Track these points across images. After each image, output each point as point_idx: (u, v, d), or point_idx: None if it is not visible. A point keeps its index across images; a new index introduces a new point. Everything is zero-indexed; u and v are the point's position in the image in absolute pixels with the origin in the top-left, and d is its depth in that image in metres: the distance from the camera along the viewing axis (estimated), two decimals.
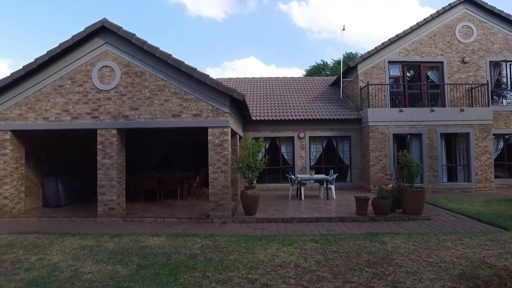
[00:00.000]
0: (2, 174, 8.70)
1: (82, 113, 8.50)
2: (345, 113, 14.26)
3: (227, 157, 8.10)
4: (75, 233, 6.99)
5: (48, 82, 8.62)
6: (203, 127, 8.24)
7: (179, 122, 8.24)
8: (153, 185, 10.90)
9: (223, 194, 8.08)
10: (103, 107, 8.45)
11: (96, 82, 8.48)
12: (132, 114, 8.36)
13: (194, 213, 8.78)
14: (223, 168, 8.08)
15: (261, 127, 13.89)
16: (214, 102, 8.20)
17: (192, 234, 6.90)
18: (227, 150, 8.11)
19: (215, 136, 8.14)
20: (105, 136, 8.39)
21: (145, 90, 8.37)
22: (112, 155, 8.35)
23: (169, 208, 9.60)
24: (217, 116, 8.19)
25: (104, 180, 8.35)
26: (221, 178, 8.08)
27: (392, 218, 8.20)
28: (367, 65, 14.06)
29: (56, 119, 8.55)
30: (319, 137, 14.21)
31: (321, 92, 16.97)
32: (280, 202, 10.67)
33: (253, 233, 7.04)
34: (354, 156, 14.10)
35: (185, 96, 8.27)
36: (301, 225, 7.81)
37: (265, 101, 15.71)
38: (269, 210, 9.22)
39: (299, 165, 14.01)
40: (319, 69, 32.50)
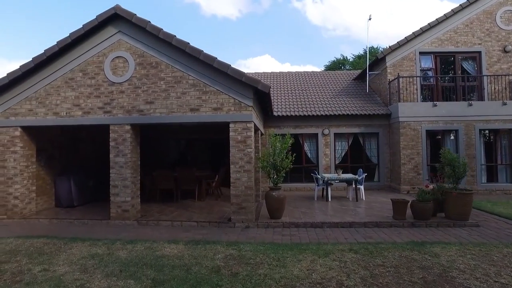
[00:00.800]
0: (12, 172, 8.21)
1: (94, 107, 7.90)
2: (372, 108, 13.30)
3: (250, 155, 7.35)
4: (86, 238, 6.38)
5: (59, 74, 8.06)
6: (224, 122, 7.52)
7: (197, 116, 7.54)
8: (170, 184, 10.27)
9: (246, 196, 7.34)
10: (116, 101, 7.83)
11: (108, 74, 7.86)
12: (146, 108, 7.71)
13: (214, 216, 8.07)
14: (246, 167, 7.33)
15: (283, 123, 13.09)
16: (236, 95, 7.45)
17: (213, 241, 6.18)
18: (250, 147, 7.36)
19: (237, 132, 7.39)
20: (118, 132, 7.77)
21: (160, 82, 7.70)
22: (125, 153, 7.72)
23: (187, 210, 8.94)
24: (239, 110, 7.44)
25: (117, 180, 7.74)
26: (244, 178, 7.34)
27: (435, 224, 7.28)
28: (396, 56, 13.04)
29: (67, 114, 7.99)
30: (344, 134, 13.31)
31: (345, 86, 16.02)
32: (306, 203, 9.86)
33: (281, 241, 6.28)
34: (383, 154, 13.13)
35: (205, 88, 7.56)
36: (333, 231, 6.99)
37: (286, 96, 14.90)
38: (295, 213, 8.44)
39: (323, 163, 13.14)
40: (338, 65, 31.38)
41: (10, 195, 8.21)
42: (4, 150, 8.27)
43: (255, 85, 7.22)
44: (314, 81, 16.99)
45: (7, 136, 8.26)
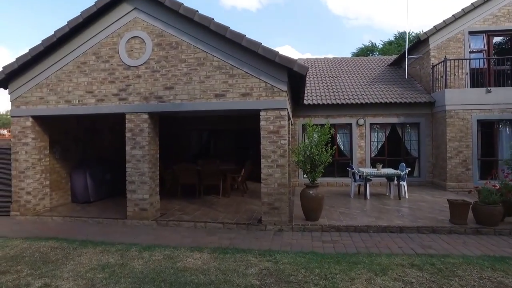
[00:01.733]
0: (24, 166, 7.58)
1: (108, 94, 7.11)
2: (412, 96, 11.96)
3: (284, 148, 6.36)
4: (98, 242, 5.61)
5: (70, 58, 7.30)
6: (253, 110, 6.55)
7: (223, 103, 6.60)
8: (192, 179, 9.44)
9: (279, 195, 6.37)
10: (132, 86, 7.00)
11: (123, 57, 7.02)
12: (166, 94, 6.83)
13: (241, 216, 7.17)
14: (280, 161, 6.35)
15: (313, 112, 11.97)
16: (268, 78, 6.45)
17: (243, 248, 5.27)
18: (284, 138, 6.36)
19: (269, 121, 6.41)
20: (135, 122, 6.95)
21: (181, 65, 6.79)
22: (143, 145, 6.90)
23: (211, 208, 8.08)
24: (271, 96, 6.44)
25: (134, 175, 6.95)
26: (277, 174, 6.37)
27: (507, 232, 6.08)
28: (441, 37, 11.61)
29: (80, 102, 7.24)
30: (381, 124, 12.06)
31: (380, 72, 14.67)
32: (342, 201, 8.81)
33: (323, 249, 5.29)
34: (424, 146, 11.81)
35: (231, 71, 6.59)
36: (382, 237, 5.94)
37: (315, 84, 13.74)
38: (332, 213, 7.41)
39: (357, 156, 11.99)
40: (367, 52, 29.65)
41: (23, 190, 7.60)
42: (15, 142, 7.65)
43: (290, 66, 6.18)
44: (345, 68, 15.71)
45: (18, 127, 7.63)
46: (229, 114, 9.22)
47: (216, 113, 7.68)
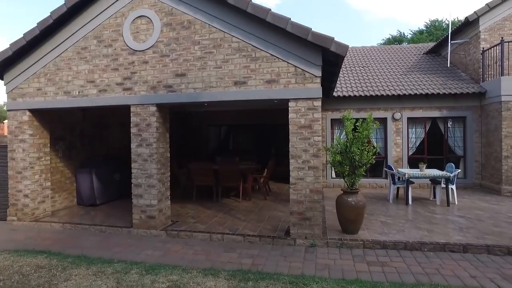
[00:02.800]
0: (21, 166, 6.76)
1: (111, 83, 6.15)
2: (457, 86, 10.49)
3: (318, 146, 5.21)
4: (94, 259, 4.67)
5: (70, 44, 6.39)
6: (280, 99, 5.42)
7: (244, 92, 5.51)
8: (208, 180, 8.43)
9: (311, 203, 5.24)
10: (137, 74, 6.01)
11: (128, 40, 6.04)
12: (176, 83, 5.81)
13: (265, 226, 6.08)
14: (313, 162, 5.21)
15: (343, 105, 10.72)
16: (298, 61, 5.30)
17: (269, 272, 4.19)
18: (318, 134, 5.21)
19: (299, 113, 5.27)
20: (141, 115, 5.97)
21: (195, 48, 5.74)
22: (150, 142, 5.91)
23: (229, 214, 7.04)
24: (302, 83, 5.29)
25: (140, 177, 5.98)
26: (309, 177, 5.23)
27: None
28: (495, 16, 10.08)
29: (80, 93, 6.32)
30: (420, 119, 10.67)
31: (416, 61, 13.20)
32: (380, 207, 7.57)
33: (371, 276, 4.14)
34: (471, 143, 10.35)
35: (254, 54, 5.48)
36: (443, 258, 4.71)
37: (344, 74, 12.45)
38: (373, 223, 6.22)
39: (393, 155, 10.66)
40: (394, 43, 27.79)
41: (20, 192, 6.79)
42: (12, 139, 6.85)
43: (326, 46, 5.00)
44: (376, 57, 14.31)
45: (15, 122, 6.82)
46: (251, 105, 8.20)
47: (236, 105, 6.58)
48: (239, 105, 7.84)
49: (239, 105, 7.81)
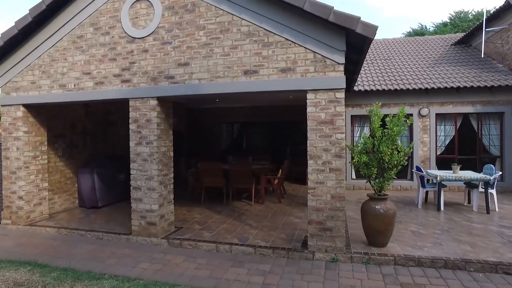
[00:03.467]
0: (15, 165, 6.27)
1: (108, 75, 5.56)
2: (493, 78, 9.49)
3: (341, 145, 4.46)
4: (83, 273, 4.08)
5: (65, 32, 5.83)
6: (296, 91, 4.69)
7: (255, 83, 4.80)
8: (218, 181, 7.77)
9: (333, 211, 4.50)
10: (136, 64, 5.39)
11: (127, 27, 5.43)
12: (179, 73, 5.16)
13: (279, 235, 5.38)
14: (335, 163, 4.46)
15: (364, 100, 9.89)
16: (318, 46, 4.56)
17: None
18: (341, 131, 4.46)
19: (319, 106, 4.53)
20: (140, 110, 5.36)
21: (199, 33, 5.07)
22: (150, 140, 5.29)
23: (240, 220, 6.36)
24: (323, 71, 4.55)
25: (139, 178, 5.37)
26: (330, 181, 4.48)
27: None
28: None
29: (75, 87, 5.76)
30: (450, 115, 9.72)
31: (443, 53, 12.19)
32: (408, 214, 6.74)
33: None
34: (510, 142, 9.35)
35: (266, 39, 4.77)
36: (496, 282, 3.89)
37: (365, 67, 11.58)
38: (402, 233, 5.42)
39: (419, 154, 9.76)
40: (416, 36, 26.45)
41: (14, 194, 6.31)
42: (6, 136, 6.36)
43: (351, 27, 4.24)
44: (399, 49, 13.36)
45: (9, 118, 6.33)
46: (263, 100, 7.50)
47: (245, 98, 5.86)
48: (250, 99, 7.18)
49: (249, 99, 7.15)
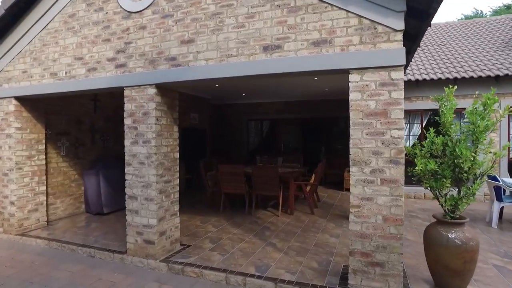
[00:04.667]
0: (8, 166, 5.52)
1: (101, 59, 4.59)
2: None
3: (399, 146, 3.12)
4: None
5: (56, 11, 4.95)
6: (335, 71, 3.41)
7: (278, 63, 3.57)
8: (239, 187, 6.64)
9: (386, 239, 3.18)
10: (133, 45, 4.37)
11: (122, 0, 4.43)
12: (182, 53, 4.06)
13: (309, 262, 4.12)
14: (389, 172, 3.14)
15: (415, 93, 8.32)
16: (365, 8, 3.24)
17: None
18: (399, 126, 3.12)
19: (367, 92, 3.22)
20: (137, 101, 4.33)
21: (206, 1, 3.93)
22: (148, 138, 4.25)
23: (261, 237, 5.18)
24: (372, 42, 3.22)
25: (135, 186, 4.35)
26: (382, 197, 3.17)
27: None
28: None
29: (67, 75, 4.86)
30: None
31: None
32: (482, 237, 5.19)
33: None
34: None
35: (293, 2, 3.53)
36: None
37: (416, 54, 9.92)
38: (483, 269, 3.95)
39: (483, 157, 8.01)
40: None
41: (6, 198, 5.56)
42: None
43: None
44: (455, 33, 11.50)
45: (1, 113, 5.59)
46: (290, 86, 6.29)
47: (263, 81, 4.58)
48: (275, 91, 5.97)
49: (274, 91, 5.94)
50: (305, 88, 9.10)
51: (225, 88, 8.85)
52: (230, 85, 8.05)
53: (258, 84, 8.16)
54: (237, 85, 7.98)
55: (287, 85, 8.50)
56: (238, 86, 8.19)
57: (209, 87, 8.36)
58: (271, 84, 8.13)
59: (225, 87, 8.63)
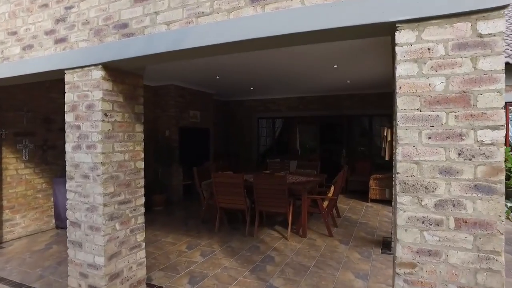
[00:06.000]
0: None
1: (38, 33, 3.34)
2: None
3: (493, 159, 1.69)
4: None
5: None
6: (372, 25, 1.99)
7: (273, 19, 2.19)
8: (238, 201, 5.30)
9: None
10: (75, 10, 3.09)
11: None
12: (136, 15, 2.74)
13: None
14: (473, 207, 1.71)
15: None
16: None
17: None
18: (494, 122, 1.69)
19: (428, 59, 1.79)
20: (79, 89, 3.06)
21: None
22: (93, 142, 2.97)
23: (260, 276, 3.82)
24: None
25: (78, 208, 3.09)
26: (457, 253, 1.74)
27: None
28: None
29: (0, 55, 3.65)
30: None
31: None
32: None
33: None
34: None
35: None
36: None
37: None
38: None
39: None
40: None
41: None
42: None
43: None
44: None
45: None
46: (301, 73, 5.02)
47: (255, 49, 3.01)
48: (280, 77, 4.66)
49: (279, 77, 4.61)
50: (323, 80, 7.69)
51: (224, 79, 7.53)
52: (223, 70, 6.70)
53: (263, 71, 6.82)
54: (228, 68, 6.62)
55: (301, 76, 7.11)
56: (233, 71, 6.83)
57: (197, 73, 7.06)
58: (280, 75, 6.77)
59: (220, 75, 7.31)
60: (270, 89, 9.28)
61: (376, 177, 7.56)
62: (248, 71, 6.67)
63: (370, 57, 5.47)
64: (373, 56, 5.39)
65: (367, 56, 5.44)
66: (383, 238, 5.06)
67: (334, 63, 6.00)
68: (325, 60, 5.73)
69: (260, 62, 5.91)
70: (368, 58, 5.56)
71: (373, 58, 5.52)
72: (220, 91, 9.45)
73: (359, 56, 5.41)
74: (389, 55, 3.10)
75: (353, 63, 5.95)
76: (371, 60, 5.66)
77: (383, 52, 4.82)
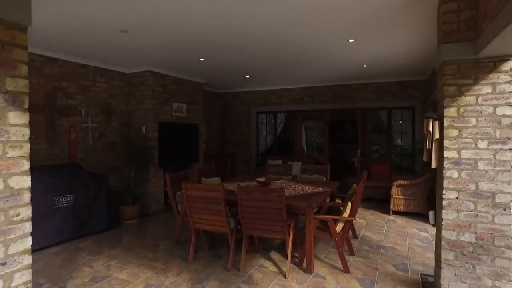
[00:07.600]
0: None
1: None
2: None
3: None
4: None
5: None
6: None
7: None
8: (217, 221, 3.86)
9: None
10: None
11: None
12: None
13: None
14: None
15: None
16: None
17: None
18: None
19: None
20: None
21: None
22: None
23: None
24: None
25: None
26: None
27: None
28: None
29: None
30: None
31: None
32: None
33: None
34: None
35: None
36: None
37: None
38: None
39: None
40: None
41: None
42: None
43: None
44: None
45: None
46: (307, 50, 3.60)
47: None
48: (279, 58, 3.30)
49: (279, 60, 3.25)
50: (334, 64, 6.21)
51: (211, 62, 6.07)
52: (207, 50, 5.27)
53: (259, 51, 5.36)
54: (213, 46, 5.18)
55: (307, 59, 5.64)
56: (220, 51, 5.39)
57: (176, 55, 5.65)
58: (281, 57, 5.27)
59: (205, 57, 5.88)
60: (269, 78, 7.83)
61: (399, 183, 6.08)
62: (240, 51, 5.23)
63: (395, 28, 4.01)
64: (399, 27, 3.93)
65: (391, 27, 3.99)
66: (421, 275, 3.60)
67: (349, 37, 4.52)
68: (339, 32, 4.27)
69: (253, 38, 4.47)
70: (393, 30, 4.10)
71: (402, 30, 4.06)
72: (211, 79, 8.02)
73: (379, 27, 3.97)
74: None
75: (373, 37, 4.48)
76: (397, 33, 4.20)
77: (414, 20, 3.37)
